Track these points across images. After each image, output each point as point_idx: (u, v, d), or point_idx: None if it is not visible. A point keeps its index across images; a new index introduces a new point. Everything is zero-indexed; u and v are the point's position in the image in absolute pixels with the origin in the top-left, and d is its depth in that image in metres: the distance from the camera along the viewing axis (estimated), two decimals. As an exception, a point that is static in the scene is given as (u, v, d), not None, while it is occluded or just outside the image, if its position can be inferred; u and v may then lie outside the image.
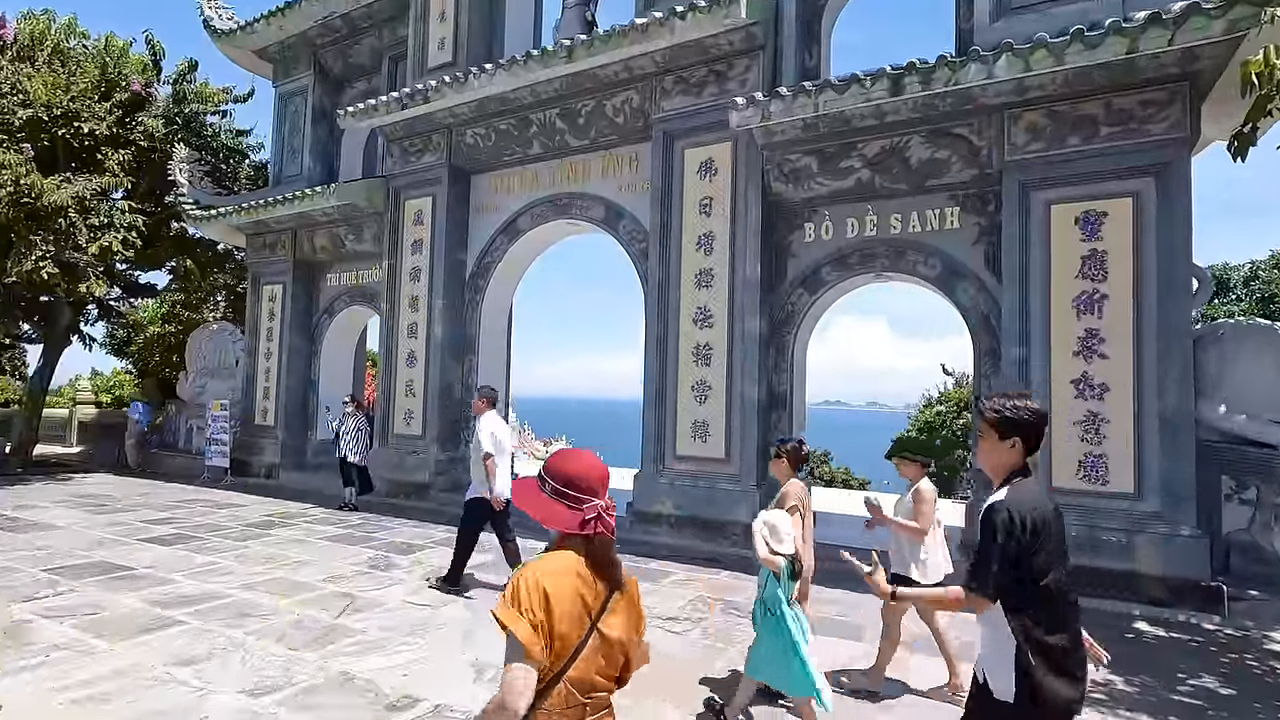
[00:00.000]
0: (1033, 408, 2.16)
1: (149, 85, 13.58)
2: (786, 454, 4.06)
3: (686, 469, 8.28)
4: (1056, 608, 2.07)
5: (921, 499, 4.14)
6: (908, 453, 4.32)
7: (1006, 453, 2.18)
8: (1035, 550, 2.03)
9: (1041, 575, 2.04)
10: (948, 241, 7.46)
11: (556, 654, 1.57)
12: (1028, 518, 2.04)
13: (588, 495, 1.70)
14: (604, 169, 9.77)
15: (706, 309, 8.32)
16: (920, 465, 4.27)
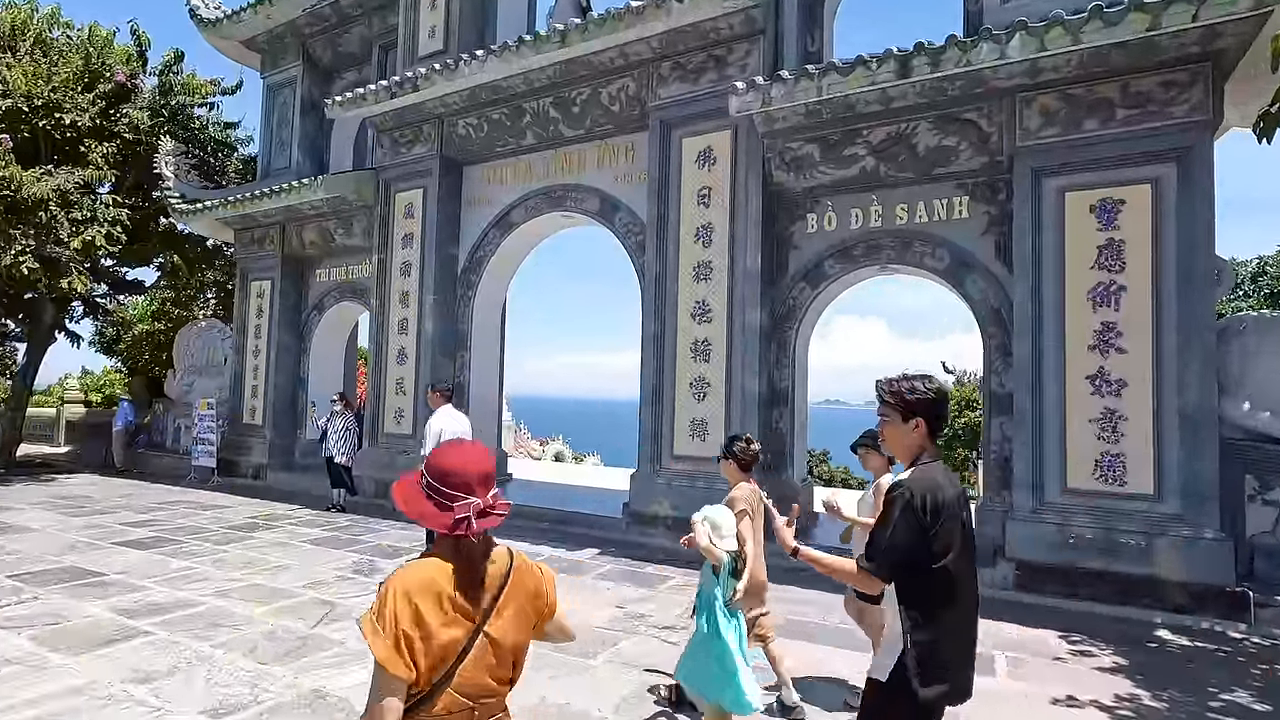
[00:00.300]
0: (933, 387, 2.13)
1: (134, 76, 13.26)
2: (733, 455, 3.78)
3: (684, 469, 7.99)
4: (948, 594, 2.02)
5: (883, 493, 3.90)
6: (873, 441, 4.03)
7: (910, 434, 2.13)
8: (934, 533, 1.99)
9: (937, 559, 2.00)
10: (956, 232, 7.17)
11: (435, 663, 1.48)
12: (927, 499, 1.99)
13: (461, 493, 1.57)
14: (599, 159, 9.47)
15: (705, 303, 8.02)
16: (885, 457, 3.98)
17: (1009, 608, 5.80)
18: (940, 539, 2.00)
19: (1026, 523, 6.16)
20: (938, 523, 1.99)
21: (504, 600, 1.59)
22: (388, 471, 10.41)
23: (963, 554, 2.05)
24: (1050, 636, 5.16)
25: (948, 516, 2.01)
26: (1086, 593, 5.83)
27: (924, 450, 2.14)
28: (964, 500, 2.13)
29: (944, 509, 2.01)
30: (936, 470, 2.10)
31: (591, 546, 7.69)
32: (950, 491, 2.06)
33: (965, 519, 2.11)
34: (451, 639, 1.50)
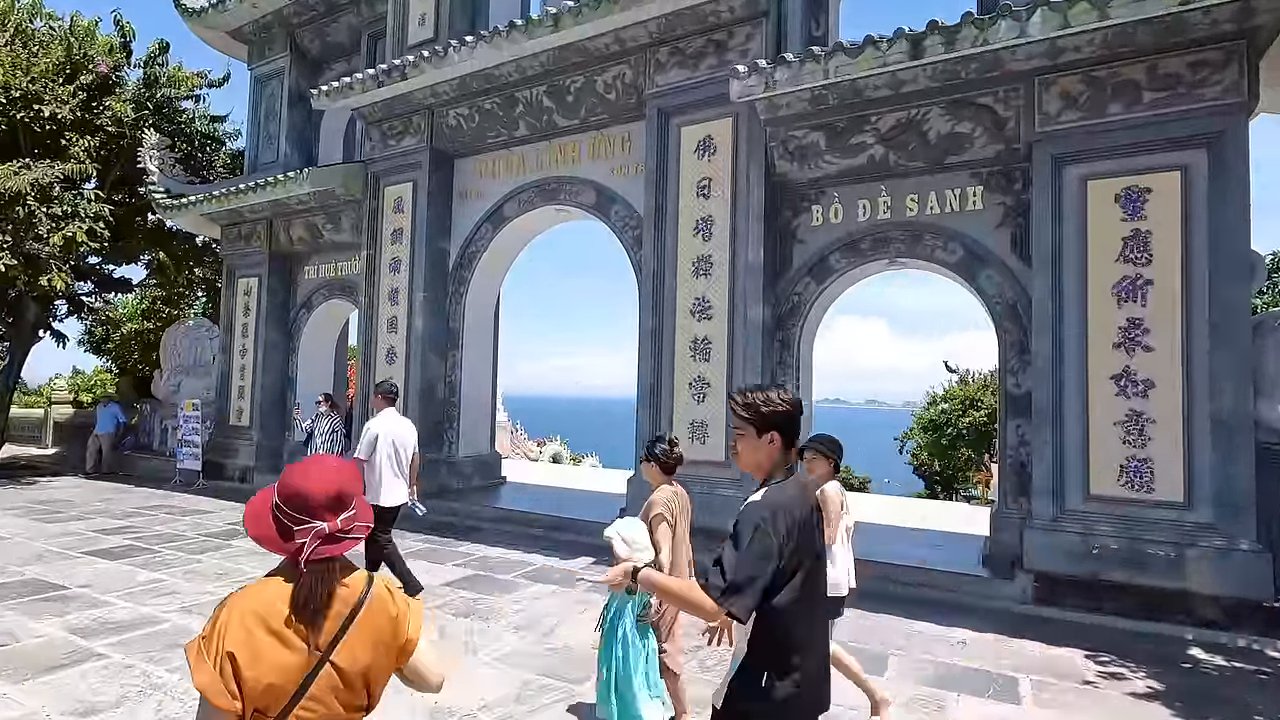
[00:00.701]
0: (787, 399, 2.03)
1: (118, 68, 12.90)
2: (655, 457, 3.55)
3: (683, 473, 7.57)
4: (798, 613, 1.91)
5: (827, 502, 3.64)
6: (822, 446, 3.80)
7: (765, 449, 2.02)
8: (786, 554, 1.88)
9: (788, 580, 1.89)
10: (969, 224, 6.80)
11: (272, 692, 1.38)
12: (779, 518, 1.88)
13: (303, 517, 1.47)
14: (594, 150, 9.10)
15: (705, 299, 7.66)
16: (831, 463, 3.81)
17: (1028, 623, 5.44)
18: (792, 560, 1.89)
19: (1046, 532, 5.80)
20: (790, 543, 1.89)
21: (356, 628, 1.49)
22: (377, 475, 10.04)
23: (812, 573, 1.97)
24: (1076, 656, 4.80)
25: (801, 536, 1.92)
26: (1111, 607, 5.47)
27: (779, 465, 2.03)
28: (816, 516, 2.05)
29: (796, 528, 1.91)
30: (790, 487, 2.01)
31: (586, 555, 7.33)
32: (801, 511, 1.96)
33: (816, 537, 2.03)
34: (291, 667, 1.40)
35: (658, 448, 3.56)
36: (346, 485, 1.54)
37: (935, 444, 24.89)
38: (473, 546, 7.67)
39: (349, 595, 1.51)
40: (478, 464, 10.58)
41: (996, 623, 5.44)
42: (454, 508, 9.26)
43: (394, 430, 5.89)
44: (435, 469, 9.95)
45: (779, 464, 2.02)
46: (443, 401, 10.22)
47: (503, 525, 8.65)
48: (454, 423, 10.21)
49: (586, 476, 13.84)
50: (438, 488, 9.85)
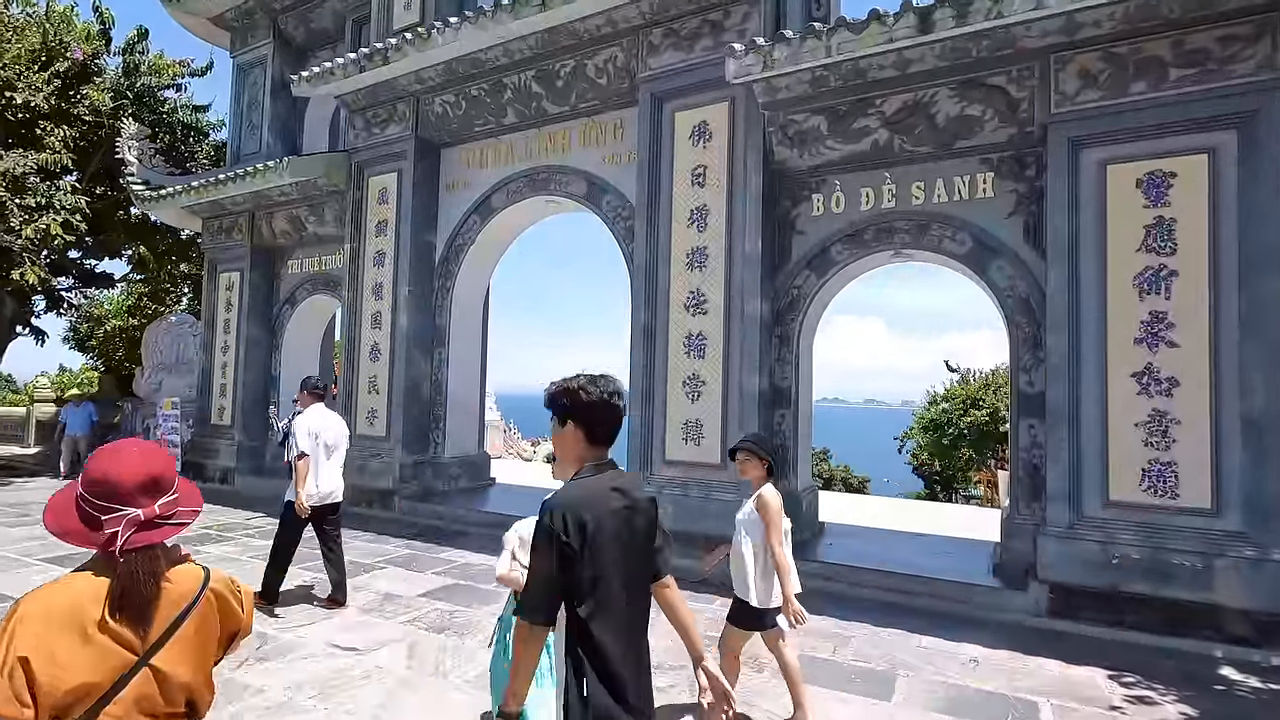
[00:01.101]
0: (586, 387, 1.92)
1: (96, 55, 12.51)
2: None
3: (676, 475, 7.25)
4: (610, 622, 1.82)
5: (766, 507, 3.49)
6: (753, 445, 3.62)
7: (569, 439, 1.95)
8: (581, 559, 1.78)
9: (588, 589, 1.79)
10: (979, 213, 6.43)
11: (72, 699, 1.27)
12: (568, 519, 1.79)
13: (112, 504, 1.37)
14: (585, 138, 8.72)
15: (700, 293, 7.28)
16: (765, 464, 3.60)
17: (1044, 639, 5.08)
18: (589, 567, 1.78)
19: (1062, 540, 5.43)
20: (585, 544, 1.78)
21: (184, 631, 1.39)
22: (360, 476, 9.68)
23: (629, 578, 1.86)
24: (1098, 676, 4.43)
25: (600, 535, 1.81)
26: (1132, 621, 5.10)
27: (589, 459, 1.94)
28: (637, 513, 1.92)
29: (593, 528, 1.80)
30: (592, 483, 1.89)
31: (574, 562, 6.96)
32: (606, 505, 1.85)
33: (633, 536, 1.90)
34: (99, 671, 1.30)
35: None
36: (161, 468, 1.44)
37: (936, 444, 24.55)
38: (455, 553, 7.30)
39: (178, 594, 1.41)
40: (465, 465, 10.21)
41: (1010, 638, 5.08)
42: (439, 511, 8.89)
43: (323, 426, 5.62)
44: (420, 471, 9.59)
45: (587, 458, 1.93)
46: (428, 400, 9.85)
47: (489, 530, 8.27)
48: (440, 422, 9.84)
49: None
50: (422, 490, 9.49)
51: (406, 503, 9.22)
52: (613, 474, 1.96)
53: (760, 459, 3.58)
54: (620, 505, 1.90)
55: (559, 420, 1.96)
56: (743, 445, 3.66)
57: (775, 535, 3.46)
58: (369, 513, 9.34)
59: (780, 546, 3.46)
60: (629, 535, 1.90)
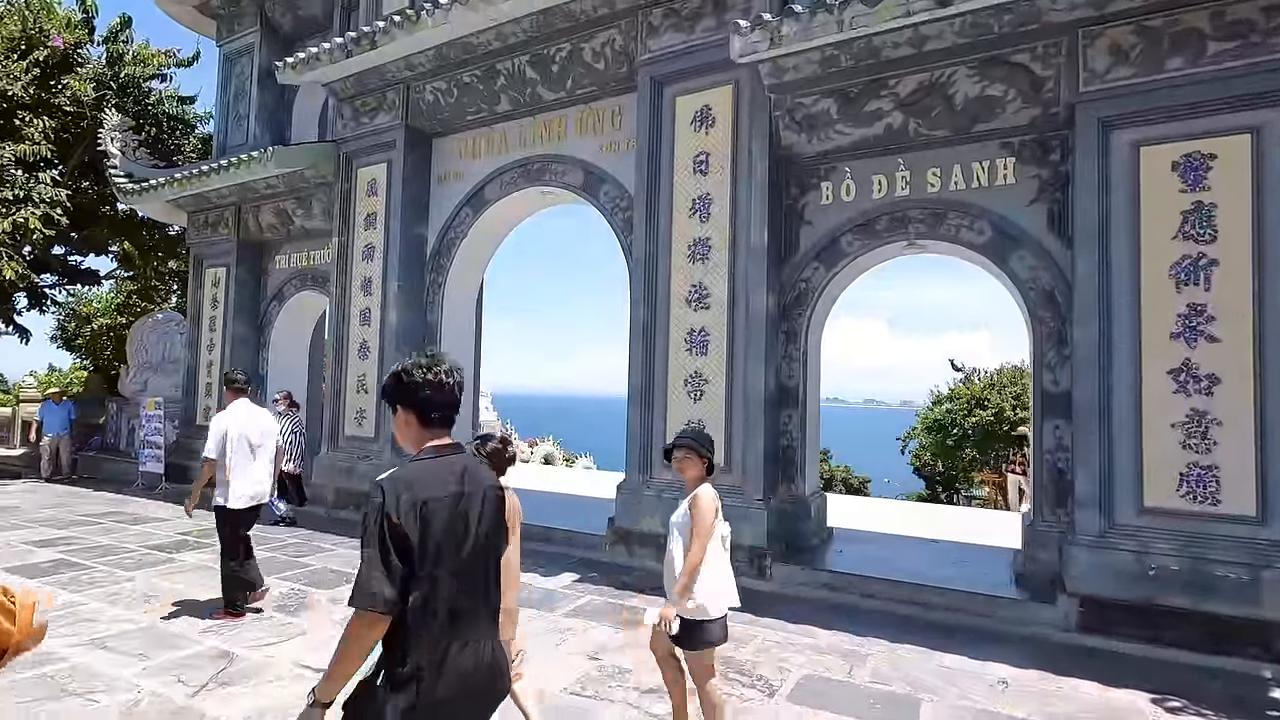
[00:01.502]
0: (411, 370, 1.88)
1: (79, 45, 12.12)
2: (486, 456, 3.20)
3: (677, 479, 6.85)
4: (444, 613, 1.74)
5: (700, 509, 3.17)
6: (692, 442, 3.30)
7: (402, 425, 1.93)
8: (409, 544, 1.70)
9: (416, 576, 1.71)
10: (999, 200, 6.05)
11: None
12: (401, 499, 1.71)
13: None
14: (582, 126, 8.34)
15: (702, 286, 6.90)
16: (704, 463, 3.31)
17: (1076, 656, 4.70)
18: (416, 553, 1.71)
19: (1093, 549, 5.05)
20: (417, 527, 1.72)
21: None
22: (348, 479, 9.30)
23: (464, 568, 1.81)
24: (1140, 700, 4.05)
25: (434, 520, 1.75)
26: (1171, 637, 4.73)
27: (428, 444, 1.90)
28: (479, 502, 1.87)
29: (427, 511, 1.74)
30: (430, 466, 1.85)
31: (569, 571, 6.58)
32: (443, 490, 1.80)
33: (473, 524, 1.85)
34: None
35: (486, 446, 3.23)
36: None
37: (940, 444, 24.20)
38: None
39: None
40: (457, 467, 9.82)
41: (1038, 655, 4.70)
42: (429, 516, 8.50)
43: (246, 424, 5.22)
44: (410, 473, 9.20)
45: (425, 442, 1.89)
46: (419, 400, 9.46)
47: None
48: (431, 423, 9.45)
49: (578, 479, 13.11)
50: (413, 493, 9.10)
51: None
52: (455, 459, 1.89)
53: (700, 457, 3.28)
54: (459, 491, 1.83)
55: (391, 407, 1.93)
56: (680, 442, 3.33)
57: (700, 536, 3.15)
58: (356, 517, 8.94)
59: (700, 549, 3.15)
60: (467, 524, 1.84)
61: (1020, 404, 21.63)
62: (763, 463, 6.45)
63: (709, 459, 3.32)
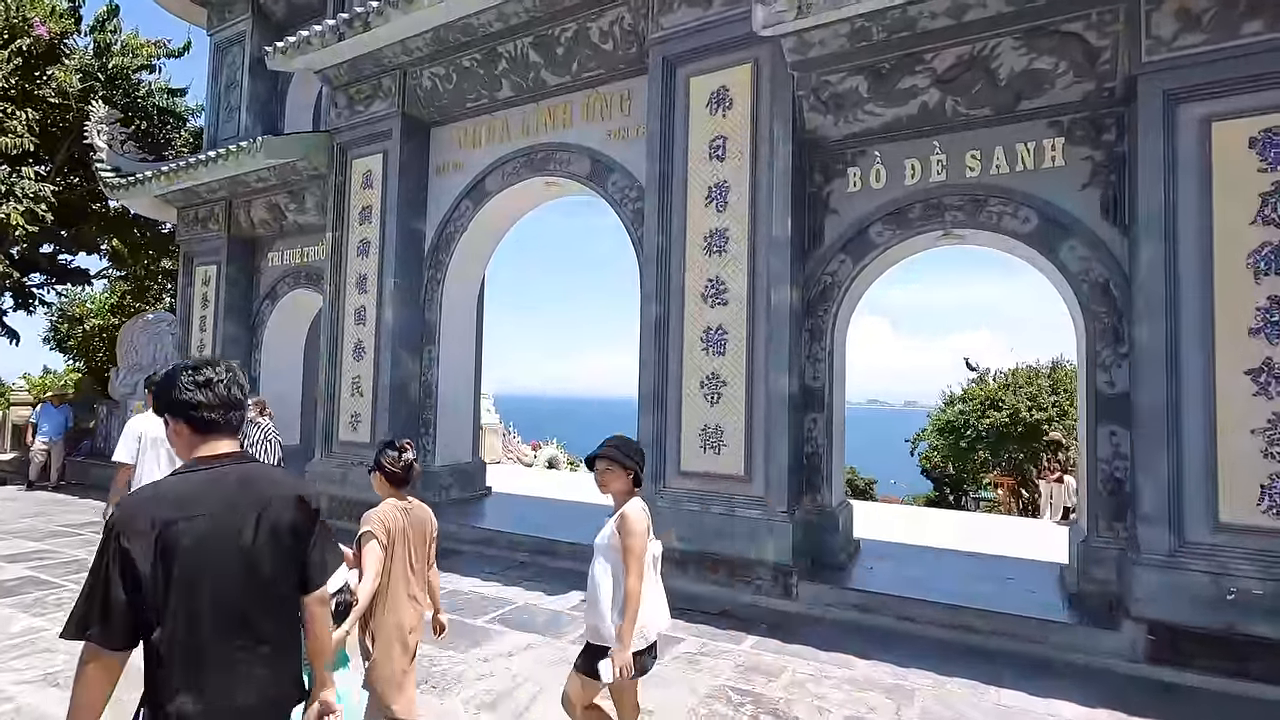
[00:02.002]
0: (177, 374, 1.76)
1: (65, 34, 11.67)
2: (379, 466, 3.08)
3: (694, 488, 6.37)
4: (177, 650, 1.52)
5: (629, 529, 2.78)
6: (616, 452, 2.90)
7: (174, 435, 1.77)
8: (138, 571, 1.49)
9: (162, 610, 1.51)
10: (1046, 185, 5.54)
11: None
12: (135, 522, 1.52)
13: None
14: (588, 111, 7.85)
15: (719, 281, 6.40)
16: (629, 475, 2.93)
17: (1150, 693, 4.19)
18: (164, 577, 1.51)
19: (1161, 570, 4.54)
20: (154, 552, 1.50)
21: None
22: (342, 486, 8.81)
23: (234, 595, 1.58)
24: (1234, 749, 3.54)
25: (180, 542, 1.53)
26: (1258, 670, 4.21)
27: (201, 455, 1.71)
28: (255, 515, 1.63)
29: (169, 531, 1.52)
30: (190, 479, 1.65)
31: (578, 589, 6.06)
32: (198, 507, 1.58)
33: (250, 542, 1.62)
34: None
35: (385, 454, 3.06)
36: None
37: (953, 446, 23.62)
38: (444, 577, 6.36)
39: None
40: (457, 474, 9.33)
41: (1106, 691, 4.19)
42: (426, 526, 7.99)
43: (163, 428, 4.70)
44: (408, 480, 8.70)
45: (198, 451, 1.73)
46: (417, 403, 8.98)
47: (482, 548, 7.41)
48: (430, 428, 8.97)
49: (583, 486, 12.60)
50: (410, 502, 8.61)
51: (392, 516, 8.33)
52: (229, 470, 1.70)
53: (624, 468, 2.89)
54: (223, 510, 1.62)
55: (161, 416, 1.79)
56: (602, 452, 2.93)
57: (634, 563, 2.74)
58: (350, 528, 8.44)
59: (637, 579, 2.73)
60: (235, 547, 1.62)
61: (1036, 405, 21.08)
62: (787, 472, 5.94)
63: (636, 470, 2.92)
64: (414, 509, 3.10)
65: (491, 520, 8.29)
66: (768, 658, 4.64)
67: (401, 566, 2.96)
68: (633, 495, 2.91)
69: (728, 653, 4.73)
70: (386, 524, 2.92)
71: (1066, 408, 21.06)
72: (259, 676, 1.63)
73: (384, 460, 3.05)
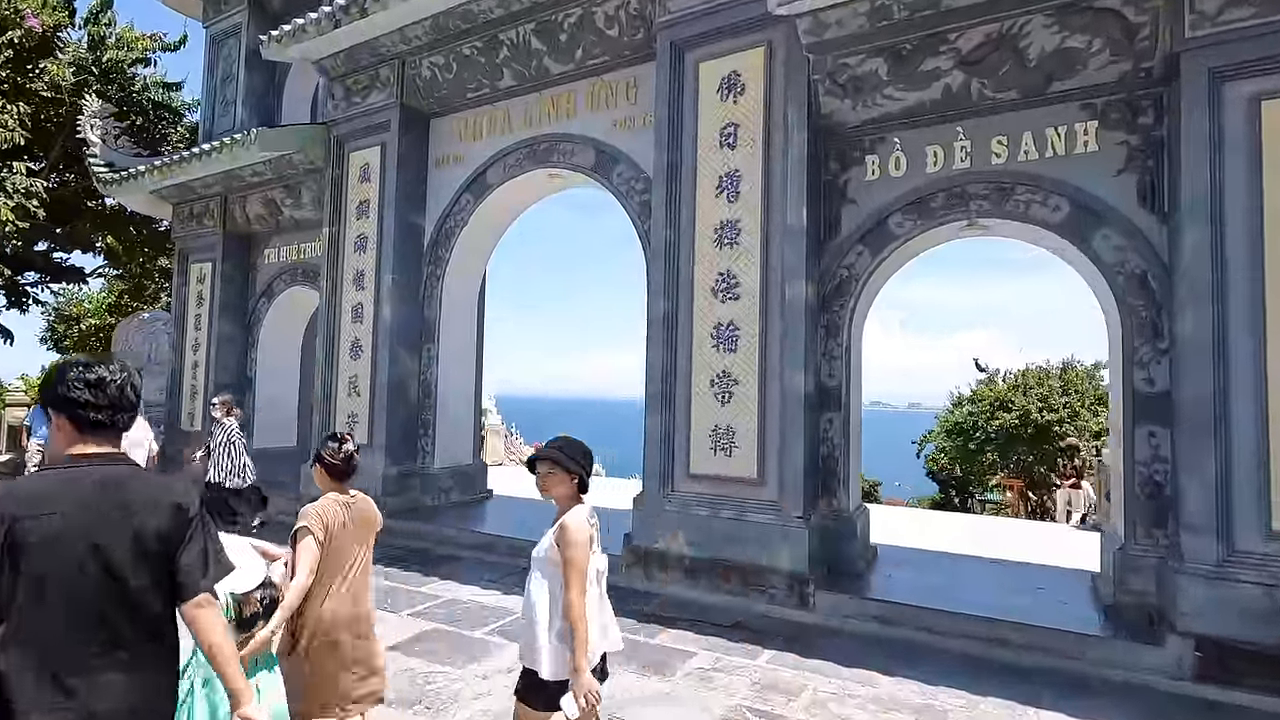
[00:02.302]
0: (65, 368, 1.69)
1: (59, 27, 11.43)
2: (320, 459, 2.97)
3: (704, 492, 6.07)
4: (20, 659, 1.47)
5: (570, 541, 2.46)
6: (558, 454, 2.59)
7: (54, 432, 1.70)
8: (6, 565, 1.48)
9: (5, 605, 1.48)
10: (1078, 171, 5.24)
11: None
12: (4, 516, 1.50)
13: None
14: (593, 100, 7.57)
15: (730, 275, 6.11)
16: (574, 480, 2.61)
17: (1196, 713, 3.88)
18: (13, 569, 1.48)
19: (1209, 581, 4.23)
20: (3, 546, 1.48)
21: None
22: (338, 489, 8.53)
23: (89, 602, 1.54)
24: (1303, 780, 3.23)
25: (28, 537, 1.49)
26: (1316, 690, 3.90)
27: (68, 450, 1.66)
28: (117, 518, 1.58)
29: (17, 528, 1.48)
30: (47, 477, 1.63)
31: (582, 598, 5.77)
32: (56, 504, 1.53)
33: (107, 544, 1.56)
34: None
35: (325, 447, 2.97)
36: None
37: (962, 448, 23.29)
38: (441, 585, 6.14)
39: None
40: (457, 476, 9.04)
41: (1152, 712, 3.89)
42: (425, 531, 7.71)
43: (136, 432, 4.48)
44: (406, 483, 8.43)
45: (74, 451, 1.66)
46: (416, 404, 8.70)
47: (482, 554, 7.11)
48: (429, 428, 8.69)
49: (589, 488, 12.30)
50: (408, 505, 8.33)
51: (389, 520, 8.00)
52: (94, 470, 1.64)
53: (568, 472, 2.57)
54: (78, 509, 1.57)
55: (47, 413, 1.72)
56: (543, 454, 2.63)
57: (575, 579, 2.43)
58: (347, 532, 8.19)
59: (579, 595, 2.43)
60: (90, 549, 1.56)
61: (1047, 406, 20.74)
62: (802, 474, 5.64)
63: (580, 475, 2.60)
64: (357, 503, 2.97)
65: (492, 524, 8.00)
66: (786, 674, 4.34)
67: (337, 562, 2.82)
68: (577, 502, 2.61)
69: (743, 669, 4.43)
70: (324, 519, 2.79)
71: (1078, 409, 20.73)
72: (116, 683, 1.57)
73: (324, 453, 2.95)
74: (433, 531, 7.67)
